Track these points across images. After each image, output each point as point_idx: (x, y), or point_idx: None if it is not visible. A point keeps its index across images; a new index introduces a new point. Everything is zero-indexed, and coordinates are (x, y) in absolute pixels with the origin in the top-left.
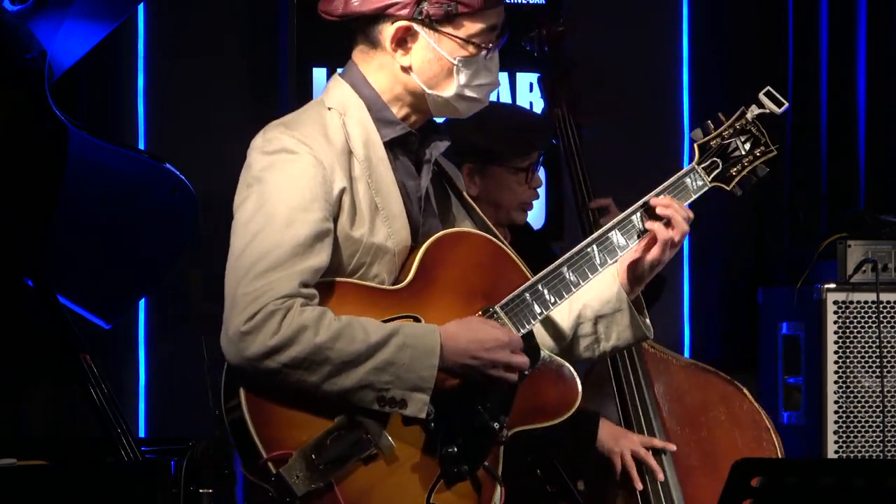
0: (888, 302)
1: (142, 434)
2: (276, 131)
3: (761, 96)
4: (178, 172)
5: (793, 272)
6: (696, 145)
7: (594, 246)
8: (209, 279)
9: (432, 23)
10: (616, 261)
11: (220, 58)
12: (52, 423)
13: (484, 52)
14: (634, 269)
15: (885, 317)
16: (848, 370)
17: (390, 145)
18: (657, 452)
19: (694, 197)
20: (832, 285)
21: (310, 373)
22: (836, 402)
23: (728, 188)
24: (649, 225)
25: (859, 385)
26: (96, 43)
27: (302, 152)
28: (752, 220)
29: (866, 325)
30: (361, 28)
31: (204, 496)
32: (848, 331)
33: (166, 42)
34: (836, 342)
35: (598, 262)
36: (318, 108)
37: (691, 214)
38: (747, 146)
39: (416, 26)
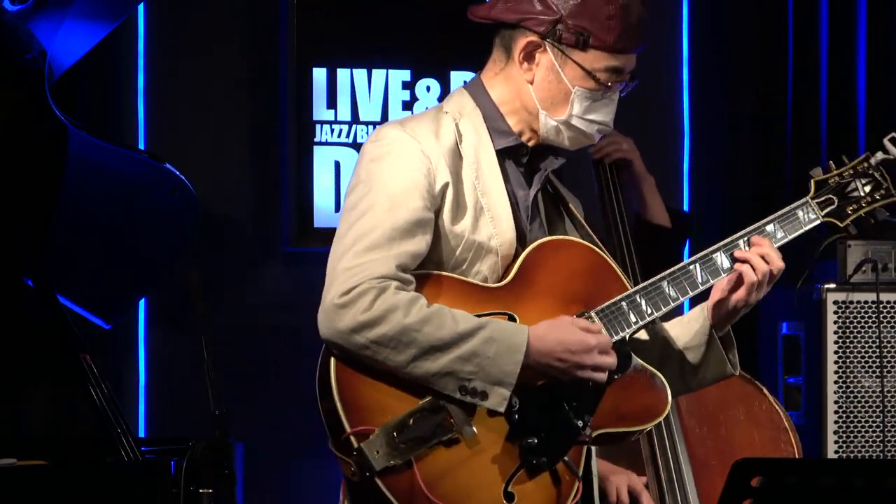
0: (888, 302)
1: (142, 434)
2: (388, 128)
3: (886, 142)
4: (178, 172)
5: (793, 272)
6: (812, 181)
7: (697, 264)
8: (209, 279)
9: (563, 45)
10: (719, 280)
11: (220, 58)
12: (52, 423)
13: (604, 89)
14: (722, 307)
15: (885, 317)
16: (848, 370)
17: (502, 154)
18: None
19: (804, 229)
20: (832, 285)
21: (396, 352)
22: (836, 402)
23: (841, 225)
24: (738, 265)
25: (859, 385)
26: (96, 43)
27: (410, 144)
28: (753, 220)
29: (866, 325)
30: (500, 35)
31: (204, 496)
32: (848, 331)
33: (166, 42)
34: (836, 342)
35: (699, 280)
36: (436, 111)
37: (780, 263)
38: (867, 188)
39: (546, 44)
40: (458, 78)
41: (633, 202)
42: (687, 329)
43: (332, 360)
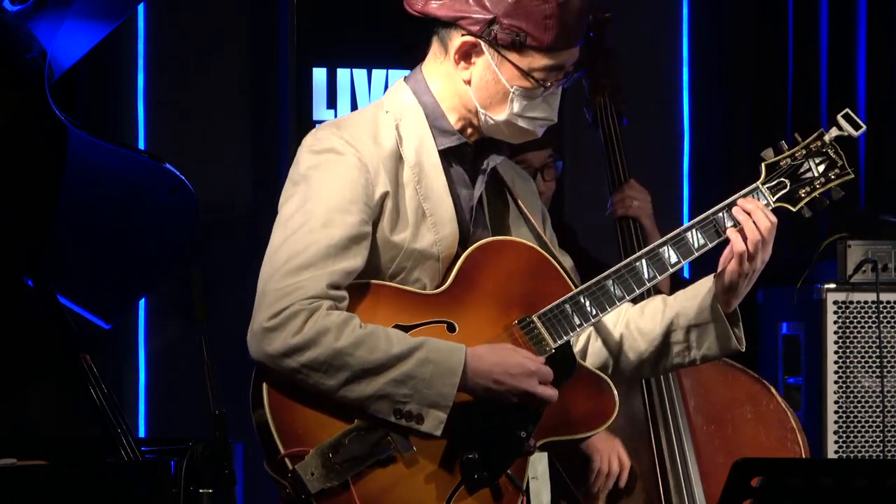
0: (888, 302)
1: (142, 434)
2: (326, 131)
3: (839, 118)
4: (178, 172)
5: (793, 272)
6: (763, 164)
7: (644, 260)
8: (209, 279)
9: (498, 46)
10: (665, 277)
11: (220, 58)
12: (52, 423)
13: (542, 89)
14: (724, 282)
15: (885, 317)
16: (848, 370)
17: (445, 154)
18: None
19: None
20: (832, 285)
21: (328, 376)
22: (836, 402)
23: (794, 209)
24: (728, 233)
25: (859, 385)
26: (96, 43)
27: (348, 153)
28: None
29: (866, 325)
30: (437, 32)
31: (204, 496)
32: (848, 331)
33: (166, 42)
34: (836, 342)
35: (646, 276)
36: (375, 110)
37: (769, 223)
38: (821, 168)
39: (482, 44)
40: None
41: None
42: (692, 303)
43: (264, 381)
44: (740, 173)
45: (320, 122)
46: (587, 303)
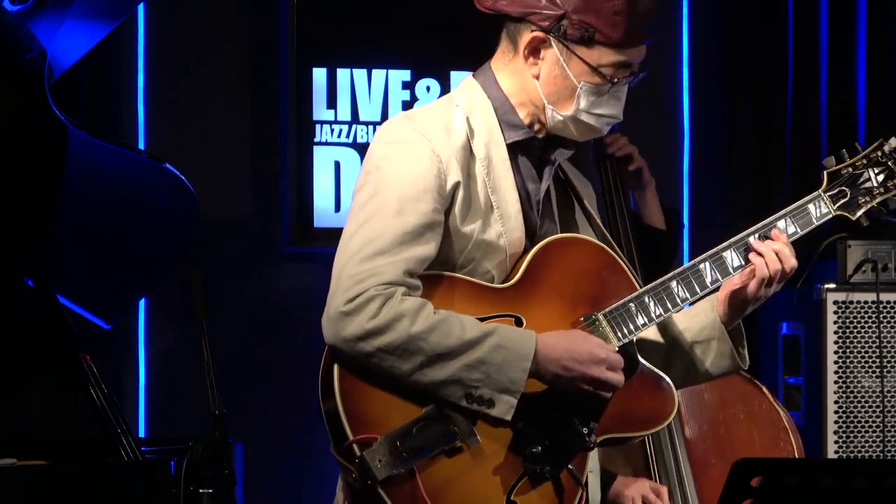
0: (888, 302)
1: (142, 434)
2: (398, 122)
3: None
4: (178, 172)
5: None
6: (825, 173)
7: (707, 262)
8: (209, 279)
9: (568, 41)
10: (729, 279)
11: (220, 58)
12: (52, 423)
13: (610, 85)
14: (734, 300)
15: (885, 317)
16: (848, 370)
17: (513, 148)
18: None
19: (816, 224)
20: (832, 285)
21: (402, 360)
22: (836, 402)
23: (853, 218)
24: (752, 257)
25: (859, 385)
26: (96, 43)
27: (420, 144)
28: (753, 220)
29: (866, 325)
30: (507, 27)
31: (204, 496)
32: (848, 331)
33: (166, 42)
34: (836, 342)
35: (709, 279)
36: (446, 104)
37: (795, 263)
38: (880, 178)
39: (552, 40)
40: (457, 78)
41: (632, 203)
42: (695, 322)
43: (336, 366)
44: (740, 173)
45: (320, 122)
46: (651, 303)
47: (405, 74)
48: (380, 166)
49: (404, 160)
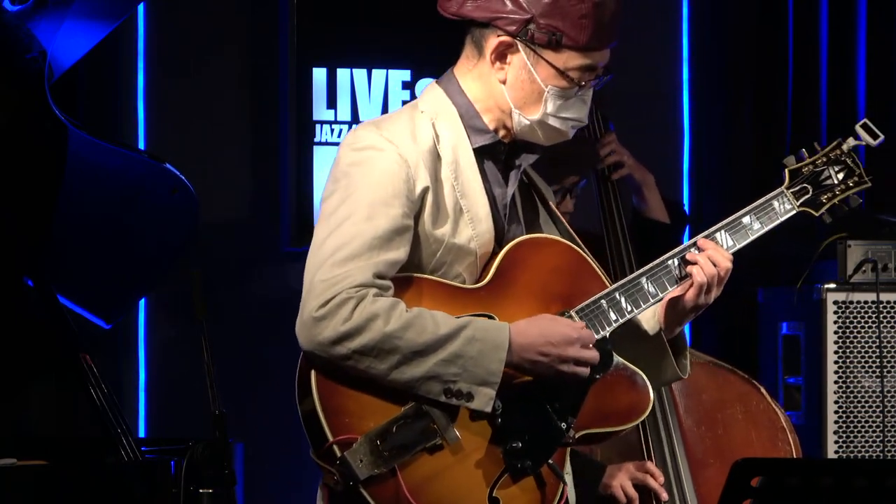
0: (888, 302)
1: (142, 434)
2: (365, 130)
3: (858, 128)
4: (178, 172)
5: (793, 272)
6: (786, 171)
7: (675, 259)
8: (209, 279)
9: (535, 45)
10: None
11: (220, 58)
12: (52, 423)
13: (577, 88)
14: (673, 309)
15: (885, 317)
16: (848, 370)
17: (479, 153)
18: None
19: (780, 220)
20: (832, 285)
21: (379, 360)
22: (836, 402)
23: (816, 214)
24: (689, 268)
25: (859, 385)
26: (96, 43)
27: (388, 149)
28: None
29: (866, 325)
30: (472, 33)
31: (204, 496)
32: (848, 331)
33: (166, 42)
34: (836, 342)
35: (677, 274)
36: (411, 110)
37: (727, 265)
38: (840, 176)
39: (518, 44)
40: None
41: (632, 199)
42: (637, 332)
43: (313, 370)
44: (740, 173)
45: (320, 122)
46: (622, 299)
47: (405, 74)
48: (349, 173)
49: (373, 166)
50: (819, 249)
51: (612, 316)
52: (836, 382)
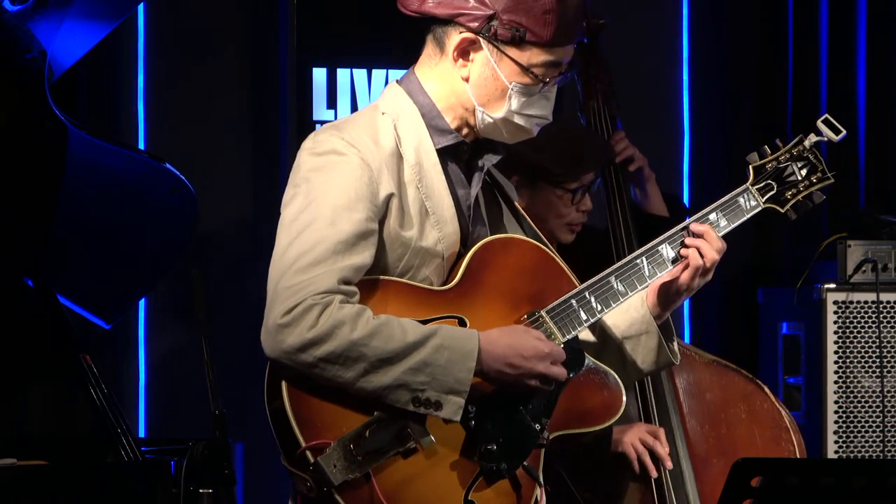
0: (888, 302)
1: (142, 434)
2: (326, 134)
3: (819, 124)
4: (178, 172)
5: (793, 272)
6: (750, 167)
7: (644, 258)
8: (209, 279)
9: (498, 42)
10: (665, 273)
11: (220, 58)
12: (52, 423)
13: (541, 85)
14: (664, 292)
15: (885, 317)
16: (848, 370)
17: (442, 153)
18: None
19: (746, 216)
20: (832, 285)
21: (345, 368)
22: (836, 402)
23: (782, 210)
24: (684, 251)
25: (859, 385)
26: (96, 43)
27: (350, 154)
28: (752, 219)
29: (866, 325)
30: (433, 31)
31: (204, 496)
32: (848, 331)
33: (166, 42)
34: (836, 342)
35: (646, 273)
36: (372, 112)
37: (723, 246)
38: (803, 172)
39: (481, 41)
40: None
41: (633, 194)
42: (625, 317)
43: (281, 378)
44: (740, 173)
45: (320, 122)
46: (592, 299)
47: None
48: (309, 178)
49: (335, 171)
50: (819, 249)
51: (583, 316)
52: (836, 382)
